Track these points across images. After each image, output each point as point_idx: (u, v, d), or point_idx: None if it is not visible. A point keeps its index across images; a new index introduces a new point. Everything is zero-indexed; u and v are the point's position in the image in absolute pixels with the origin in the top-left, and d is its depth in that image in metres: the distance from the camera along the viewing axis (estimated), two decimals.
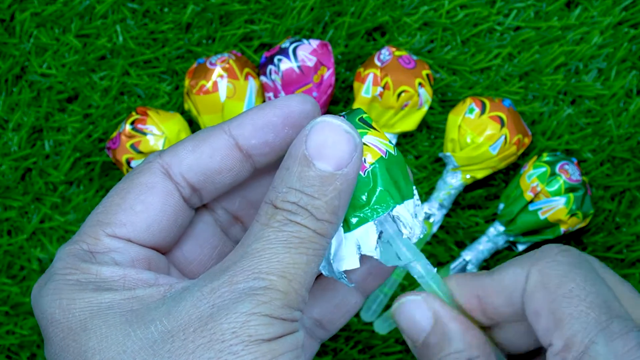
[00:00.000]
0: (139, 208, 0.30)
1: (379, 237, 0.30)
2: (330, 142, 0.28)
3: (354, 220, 0.30)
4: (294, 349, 0.27)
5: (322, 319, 0.35)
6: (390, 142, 0.31)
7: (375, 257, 0.30)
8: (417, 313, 0.33)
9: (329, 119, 0.29)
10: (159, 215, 0.30)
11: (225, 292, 0.26)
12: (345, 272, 0.31)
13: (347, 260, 0.30)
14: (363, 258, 0.31)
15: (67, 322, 0.27)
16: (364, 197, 0.30)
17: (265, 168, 0.32)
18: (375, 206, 0.30)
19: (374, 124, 0.31)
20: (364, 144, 0.30)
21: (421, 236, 0.31)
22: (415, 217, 0.31)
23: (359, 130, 0.30)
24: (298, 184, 0.28)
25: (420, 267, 0.32)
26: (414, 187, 0.32)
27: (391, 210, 0.30)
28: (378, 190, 0.30)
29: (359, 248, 0.30)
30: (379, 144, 0.30)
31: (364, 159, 0.30)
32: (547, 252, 0.32)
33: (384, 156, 0.30)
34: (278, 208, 0.28)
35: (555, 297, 0.30)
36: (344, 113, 0.31)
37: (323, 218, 0.28)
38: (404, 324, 0.33)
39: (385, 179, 0.30)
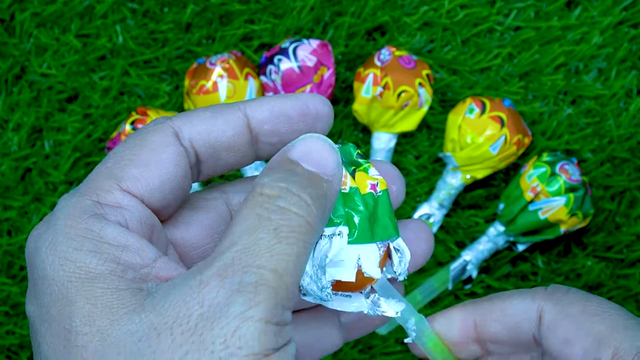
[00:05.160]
0: (153, 165, 0.29)
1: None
2: (315, 150, 0.28)
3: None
4: None
5: (297, 349, 0.34)
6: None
7: (375, 278, 0.29)
8: None
9: (316, 135, 0.29)
10: (172, 174, 0.29)
11: (215, 287, 0.25)
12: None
13: (344, 270, 0.29)
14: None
15: (57, 285, 0.26)
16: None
17: None
18: (378, 231, 0.29)
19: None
20: (373, 170, 0.30)
21: (401, 279, 0.31)
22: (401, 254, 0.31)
23: (363, 164, 0.30)
24: (286, 175, 0.27)
25: (412, 319, 0.32)
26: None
27: (393, 240, 0.30)
28: (383, 217, 0.30)
29: (359, 262, 0.29)
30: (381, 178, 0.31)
31: (376, 184, 0.30)
32: (556, 288, 0.32)
33: (388, 190, 0.30)
34: (265, 194, 0.27)
35: (584, 320, 0.31)
36: (338, 145, 0.31)
37: (314, 205, 0.27)
38: None
39: (389, 209, 0.30)
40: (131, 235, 0.27)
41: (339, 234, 0.29)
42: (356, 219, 0.29)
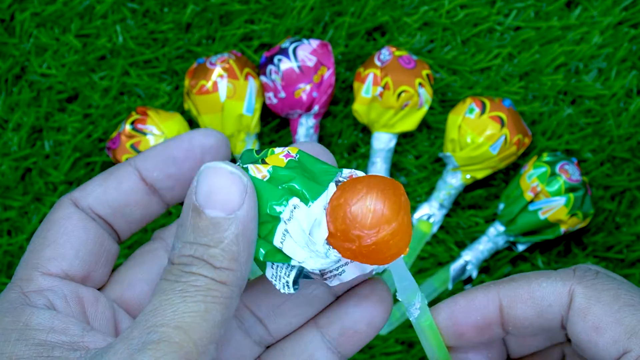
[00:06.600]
0: (62, 239, 0.31)
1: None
2: (216, 187, 0.28)
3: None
4: None
5: None
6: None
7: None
8: None
9: (213, 163, 0.28)
10: (83, 240, 0.31)
11: (119, 349, 0.25)
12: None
13: (324, 224, 0.29)
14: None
15: None
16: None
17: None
18: (322, 177, 0.30)
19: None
20: (277, 149, 0.31)
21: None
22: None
23: (267, 152, 0.30)
24: (192, 237, 0.27)
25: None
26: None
27: (341, 173, 0.30)
28: (314, 166, 0.30)
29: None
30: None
31: (288, 152, 0.30)
32: (586, 270, 0.32)
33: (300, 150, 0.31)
34: (174, 264, 0.27)
35: (616, 309, 0.30)
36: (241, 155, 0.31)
37: (222, 266, 0.27)
38: None
39: (315, 160, 0.30)
40: (57, 316, 0.28)
41: (295, 207, 0.29)
42: (296, 185, 0.29)
